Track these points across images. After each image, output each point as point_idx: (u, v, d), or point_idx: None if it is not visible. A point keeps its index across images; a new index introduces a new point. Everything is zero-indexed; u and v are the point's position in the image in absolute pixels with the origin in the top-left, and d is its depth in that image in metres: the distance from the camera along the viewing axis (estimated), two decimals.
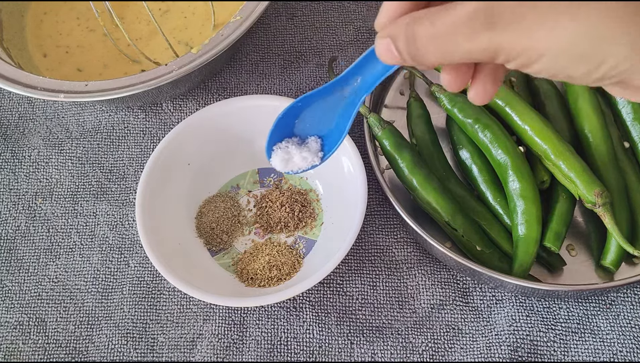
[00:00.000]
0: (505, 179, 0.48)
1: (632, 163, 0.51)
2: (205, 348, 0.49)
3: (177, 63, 0.52)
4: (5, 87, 0.52)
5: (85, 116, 0.60)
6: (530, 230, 0.46)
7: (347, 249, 0.46)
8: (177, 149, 0.52)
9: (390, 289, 0.51)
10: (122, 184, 0.56)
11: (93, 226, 0.55)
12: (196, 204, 0.54)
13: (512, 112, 0.50)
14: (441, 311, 0.50)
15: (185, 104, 0.60)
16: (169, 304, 0.51)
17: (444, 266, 0.51)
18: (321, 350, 0.49)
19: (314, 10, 0.64)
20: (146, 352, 0.50)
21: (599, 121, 0.50)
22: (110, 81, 0.52)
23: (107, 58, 0.61)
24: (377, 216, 0.54)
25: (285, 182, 0.55)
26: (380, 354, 0.48)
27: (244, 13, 0.54)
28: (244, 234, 0.53)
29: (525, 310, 0.49)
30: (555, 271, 0.49)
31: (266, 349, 0.49)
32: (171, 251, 0.48)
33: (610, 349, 0.48)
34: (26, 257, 0.54)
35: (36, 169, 0.58)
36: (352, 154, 0.50)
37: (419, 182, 0.49)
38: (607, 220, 0.45)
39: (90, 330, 0.51)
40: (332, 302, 0.50)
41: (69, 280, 0.53)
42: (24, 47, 0.61)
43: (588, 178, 0.46)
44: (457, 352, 0.48)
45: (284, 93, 0.60)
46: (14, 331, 0.51)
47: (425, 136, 0.53)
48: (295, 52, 0.62)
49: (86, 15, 0.63)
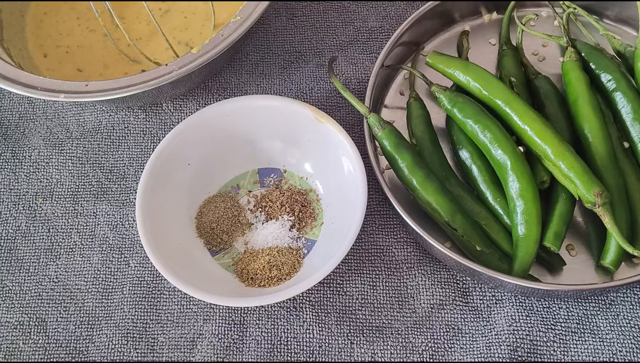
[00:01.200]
0: (505, 179, 0.48)
1: (632, 163, 0.51)
2: (206, 348, 0.49)
3: (178, 63, 0.52)
4: (5, 87, 0.52)
5: (85, 116, 0.60)
6: (530, 230, 0.46)
7: (347, 249, 0.46)
8: (177, 149, 0.52)
9: (390, 289, 0.51)
10: (122, 184, 0.57)
11: (93, 226, 0.55)
12: (196, 204, 0.54)
13: (512, 113, 0.50)
14: (441, 311, 0.50)
15: (186, 104, 0.60)
16: (169, 304, 0.51)
17: (444, 266, 0.51)
18: (321, 350, 0.49)
19: (314, 10, 0.64)
20: (146, 352, 0.50)
21: (599, 121, 0.50)
22: (110, 81, 0.52)
23: (107, 58, 0.61)
24: (377, 216, 0.54)
25: (285, 182, 0.55)
26: (380, 354, 0.48)
27: (244, 13, 0.54)
28: (244, 234, 0.53)
29: (525, 310, 0.49)
30: (555, 271, 0.49)
31: (266, 349, 0.49)
32: (171, 251, 0.48)
33: (609, 349, 0.48)
34: (26, 257, 0.54)
35: (36, 170, 0.58)
36: (352, 154, 0.50)
37: (419, 182, 0.49)
38: (606, 220, 0.45)
39: (90, 330, 0.51)
40: (332, 302, 0.50)
41: (69, 280, 0.53)
42: (24, 47, 0.61)
43: (588, 178, 0.46)
44: (457, 351, 0.48)
45: (284, 93, 0.60)
46: (14, 331, 0.51)
47: (425, 136, 0.53)
48: (295, 52, 0.62)
49: (86, 15, 0.63)
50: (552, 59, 0.59)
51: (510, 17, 0.59)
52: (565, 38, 0.55)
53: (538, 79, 0.55)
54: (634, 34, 0.59)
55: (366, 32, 0.63)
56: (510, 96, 0.50)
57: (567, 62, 0.53)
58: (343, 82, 0.60)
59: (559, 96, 0.54)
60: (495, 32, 0.61)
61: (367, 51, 0.62)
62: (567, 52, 0.54)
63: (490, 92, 0.51)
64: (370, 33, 0.63)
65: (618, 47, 0.55)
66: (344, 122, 0.58)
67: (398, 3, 0.64)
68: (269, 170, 0.56)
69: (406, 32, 0.57)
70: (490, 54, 0.59)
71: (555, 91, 0.54)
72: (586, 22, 0.59)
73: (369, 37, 0.63)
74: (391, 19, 0.63)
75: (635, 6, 0.57)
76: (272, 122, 0.54)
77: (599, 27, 0.56)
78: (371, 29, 0.63)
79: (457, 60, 0.54)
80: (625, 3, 0.58)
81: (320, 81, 0.61)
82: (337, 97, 0.59)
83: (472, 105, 0.51)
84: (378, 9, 0.64)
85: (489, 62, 0.59)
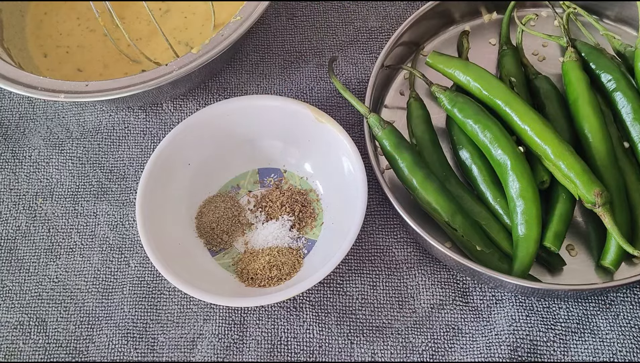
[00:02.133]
0: (505, 179, 0.48)
1: (632, 163, 0.51)
2: (206, 348, 0.49)
3: (178, 63, 0.52)
4: (5, 87, 0.52)
5: (85, 116, 0.60)
6: (530, 230, 0.46)
7: (347, 249, 0.46)
8: (178, 149, 0.52)
9: (390, 289, 0.51)
10: (122, 184, 0.57)
11: (93, 226, 0.55)
12: (196, 204, 0.54)
13: (512, 113, 0.50)
14: (441, 311, 0.50)
15: (186, 104, 0.60)
16: (169, 304, 0.51)
17: (444, 266, 0.51)
18: (321, 350, 0.49)
19: (314, 10, 0.64)
20: (146, 352, 0.50)
21: (599, 121, 0.50)
22: (110, 81, 0.52)
23: (108, 58, 0.61)
24: (377, 216, 0.54)
25: (285, 182, 0.55)
26: (380, 354, 0.48)
27: (244, 13, 0.54)
28: (244, 234, 0.53)
29: (525, 310, 0.49)
30: (555, 271, 0.49)
31: (266, 349, 0.49)
32: (171, 251, 0.48)
33: (610, 349, 0.48)
34: (27, 257, 0.54)
35: (37, 170, 0.58)
36: (352, 154, 0.50)
37: (419, 182, 0.49)
38: (606, 220, 0.45)
39: (90, 330, 0.51)
40: (332, 302, 0.50)
41: (70, 280, 0.53)
42: (24, 47, 0.61)
43: (588, 178, 0.46)
44: (457, 351, 0.48)
45: (284, 93, 0.60)
46: (14, 331, 0.51)
47: (425, 136, 0.53)
48: (295, 52, 0.62)
49: (86, 15, 0.63)
50: (552, 59, 0.59)
51: (510, 17, 0.59)
52: (565, 38, 0.55)
53: (538, 79, 0.55)
54: (634, 34, 0.59)
55: (366, 32, 0.63)
56: (511, 96, 0.50)
57: (567, 62, 0.53)
58: (343, 82, 0.60)
59: (559, 96, 0.54)
60: (495, 32, 0.61)
61: (367, 51, 0.62)
62: (567, 52, 0.54)
63: (491, 92, 0.51)
64: (370, 33, 0.63)
65: (618, 47, 0.55)
66: (344, 122, 0.58)
67: (398, 3, 0.64)
68: (269, 170, 0.56)
69: (406, 32, 0.57)
70: (490, 54, 0.59)
71: (555, 91, 0.54)
72: (586, 22, 0.59)
73: (369, 37, 0.63)
74: (391, 19, 0.63)
75: (635, 6, 0.57)
76: (272, 122, 0.54)
77: (599, 27, 0.56)
78: (371, 29, 0.63)
79: (457, 60, 0.54)
80: (625, 3, 0.58)
81: (320, 81, 0.61)
82: (337, 97, 0.59)
83: (472, 105, 0.51)
84: (378, 9, 0.64)
85: (489, 62, 0.59)
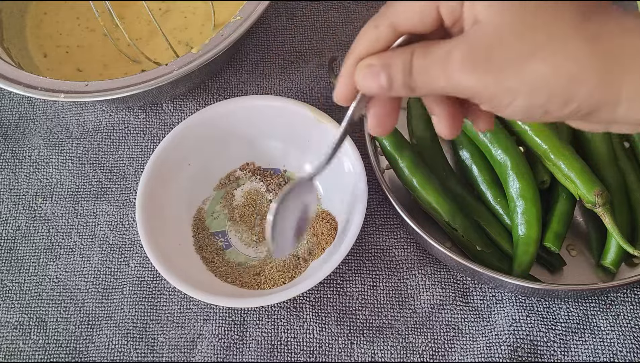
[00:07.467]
0: (505, 179, 0.48)
1: (632, 162, 0.51)
2: (206, 349, 0.49)
3: (178, 63, 0.52)
4: (5, 87, 0.52)
5: (85, 116, 0.60)
6: (530, 230, 0.46)
7: (347, 249, 0.46)
8: (177, 149, 0.52)
9: (390, 289, 0.51)
10: (122, 185, 0.57)
11: (93, 226, 0.55)
12: (196, 204, 0.54)
13: None
14: (441, 312, 0.50)
15: (186, 104, 0.60)
16: (169, 304, 0.51)
17: (444, 266, 0.51)
18: (321, 350, 0.49)
19: (314, 10, 0.64)
20: (146, 352, 0.50)
21: None
22: (110, 81, 0.52)
23: (107, 58, 0.61)
24: (377, 216, 0.54)
25: None
26: (380, 354, 0.48)
27: (244, 13, 0.54)
28: None
29: (525, 310, 0.49)
30: (555, 271, 0.49)
31: (266, 349, 0.49)
32: (171, 251, 0.48)
33: (610, 349, 0.48)
34: (26, 257, 0.54)
35: (36, 170, 0.58)
36: (352, 154, 0.50)
37: (419, 182, 0.49)
38: (607, 220, 0.45)
39: (90, 330, 0.51)
40: (332, 302, 0.50)
41: (69, 280, 0.53)
42: (24, 47, 0.61)
43: (588, 178, 0.46)
44: (457, 352, 0.48)
45: (284, 93, 0.60)
46: (14, 331, 0.51)
47: (425, 136, 0.53)
48: (295, 52, 0.62)
49: (86, 15, 0.63)
50: None
51: None
52: None
53: None
54: None
55: None
56: None
57: None
58: None
59: None
60: None
61: None
62: None
63: None
64: None
65: None
66: None
67: None
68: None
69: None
70: None
71: None
72: None
73: None
74: None
75: (635, 6, 0.57)
76: (272, 122, 0.54)
77: None
78: None
79: None
80: (625, 3, 0.58)
81: (320, 81, 0.61)
82: None
83: None
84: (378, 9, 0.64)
85: None
